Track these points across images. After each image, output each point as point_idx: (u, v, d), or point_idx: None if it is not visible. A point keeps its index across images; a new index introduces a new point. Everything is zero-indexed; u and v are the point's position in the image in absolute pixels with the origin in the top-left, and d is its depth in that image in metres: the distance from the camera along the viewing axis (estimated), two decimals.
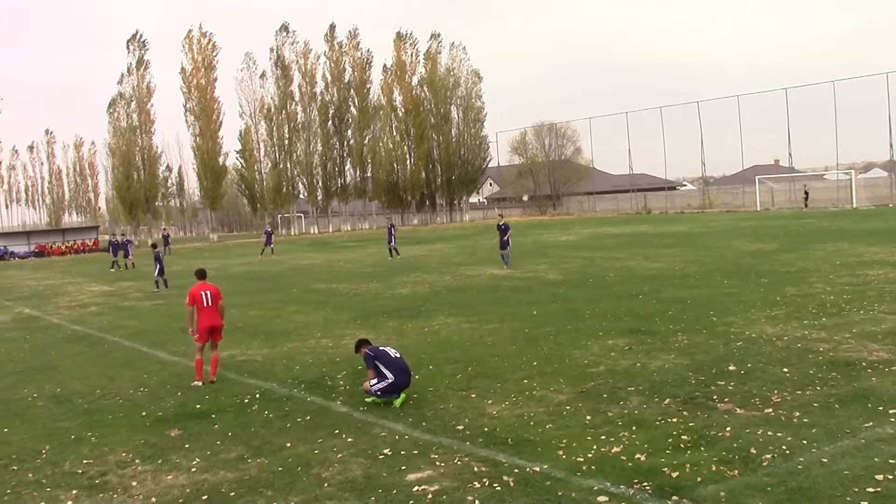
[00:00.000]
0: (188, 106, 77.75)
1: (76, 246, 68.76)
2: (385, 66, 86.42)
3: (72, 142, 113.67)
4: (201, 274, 11.69)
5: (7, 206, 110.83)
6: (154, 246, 28.74)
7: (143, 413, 9.81)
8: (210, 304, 11.22)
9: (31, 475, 7.56)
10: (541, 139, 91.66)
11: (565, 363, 10.97)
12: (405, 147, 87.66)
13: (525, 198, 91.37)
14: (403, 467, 7.15)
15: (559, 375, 10.26)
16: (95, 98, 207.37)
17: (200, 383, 11.10)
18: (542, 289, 19.76)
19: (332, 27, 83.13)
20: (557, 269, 24.25)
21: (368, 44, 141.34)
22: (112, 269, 37.75)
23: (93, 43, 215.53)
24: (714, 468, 6.50)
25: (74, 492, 7.07)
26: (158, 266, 26.12)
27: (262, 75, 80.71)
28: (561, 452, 7.21)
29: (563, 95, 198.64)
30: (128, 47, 75.97)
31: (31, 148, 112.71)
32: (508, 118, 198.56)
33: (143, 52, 76.09)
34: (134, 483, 7.23)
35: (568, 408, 8.70)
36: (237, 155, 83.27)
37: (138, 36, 76.20)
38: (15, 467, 7.82)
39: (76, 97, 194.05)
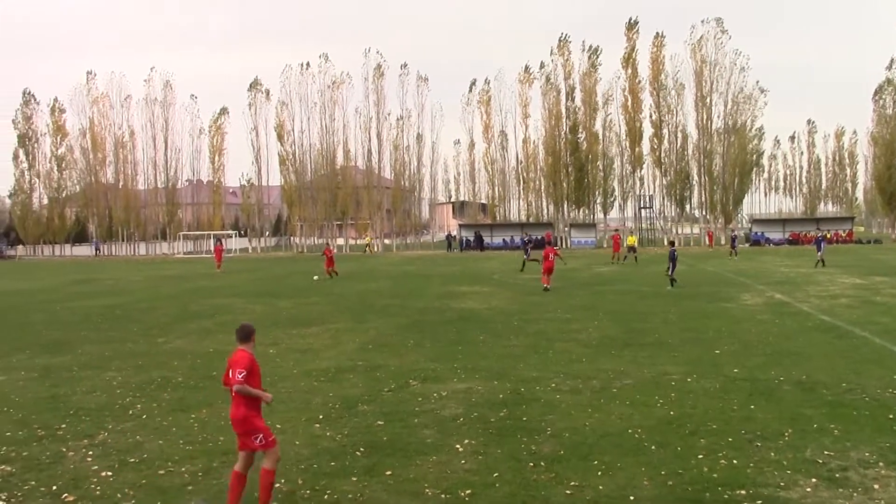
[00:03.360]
0: None
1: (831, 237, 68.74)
2: None
3: (832, 131, 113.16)
4: None
5: (766, 194, 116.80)
6: (672, 244, 31.29)
7: (890, 415, 9.17)
8: None
9: (772, 454, 7.85)
10: None
11: None
12: None
13: None
14: None
15: None
16: (860, 87, 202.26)
17: None
18: None
19: None
20: None
21: None
22: None
23: (859, 32, 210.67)
24: None
25: (813, 480, 7.07)
26: (671, 265, 27.06)
27: None
28: None
29: None
30: None
31: (791, 138, 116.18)
32: None
33: None
34: (876, 486, 6.85)
35: None
36: None
37: None
38: (759, 444, 8.23)
39: (841, 88, 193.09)
